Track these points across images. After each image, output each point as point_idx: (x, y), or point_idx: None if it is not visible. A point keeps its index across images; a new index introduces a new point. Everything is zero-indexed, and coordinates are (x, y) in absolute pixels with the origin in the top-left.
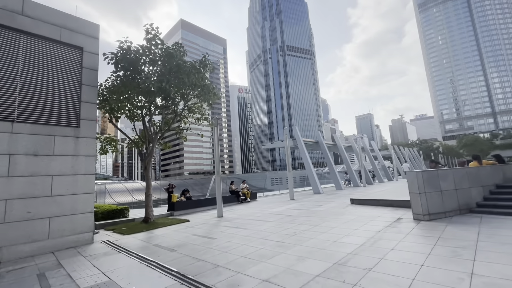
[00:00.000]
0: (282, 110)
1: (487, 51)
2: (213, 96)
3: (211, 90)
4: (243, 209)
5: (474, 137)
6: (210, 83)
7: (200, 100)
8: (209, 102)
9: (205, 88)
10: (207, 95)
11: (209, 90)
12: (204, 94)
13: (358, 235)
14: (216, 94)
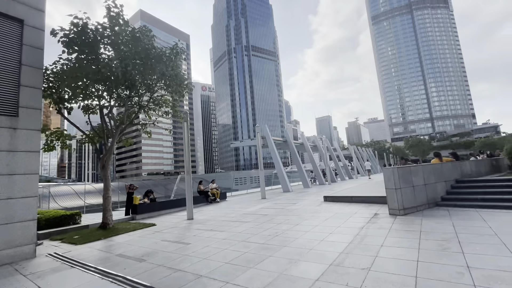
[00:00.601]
0: (247, 109)
1: (426, 63)
2: (185, 88)
3: (184, 81)
4: (214, 210)
5: (418, 139)
6: (183, 73)
7: (170, 92)
8: (181, 94)
9: (177, 79)
10: (179, 87)
11: (182, 81)
12: (176, 85)
13: (343, 233)
14: (188, 86)
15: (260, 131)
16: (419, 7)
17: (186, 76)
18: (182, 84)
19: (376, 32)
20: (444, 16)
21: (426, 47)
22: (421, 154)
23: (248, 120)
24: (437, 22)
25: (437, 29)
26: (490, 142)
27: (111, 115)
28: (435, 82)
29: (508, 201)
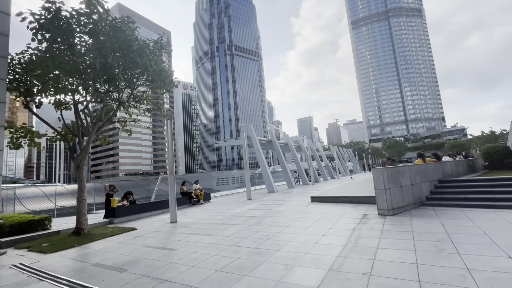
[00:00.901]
0: (229, 109)
1: (402, 68)
2: (169, 84)
3: (168, 76)
4: (199, 212)
5: (395, 141)
6: (168, 68)
7: (153, 88)
8: (165, 90)
9: (161, 74)
10: (163, 82)
11: (166, 76)
12: (160, 80)
13: (336, 235)
14: (173, 82)
15: (246, 130)
16: (395, 15)
17: (171, 71)
18: (167, 79)
19: (355, 36)
20: (418, 25)
21: (402, 53)
22: (397, 155)
23: (230, 120)
24: (412, 30)
25: (411, 36)
26: (458, 143)
27: (87, 111)
28: (409, 87)
29: (489, 200)
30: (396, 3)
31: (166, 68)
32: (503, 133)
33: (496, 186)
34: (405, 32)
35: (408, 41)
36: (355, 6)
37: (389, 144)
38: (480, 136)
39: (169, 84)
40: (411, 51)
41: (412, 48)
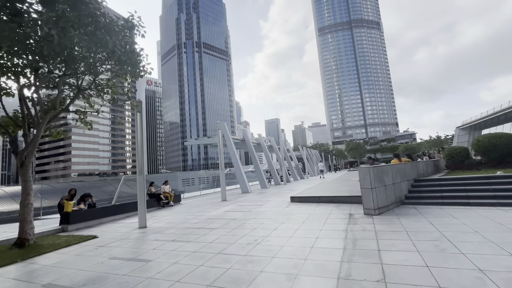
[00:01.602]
0: (196, 108)
1: (362, 76)
2: (141, 71)
3: (140, 61)
4: (170, 215)
5: (357, 143)
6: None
7: (121, 74)
8: (136, 77)
9: (132, 57)
10: (134, 67)
11: (138, 61)
12: (131, 65)
13: (330, 237)
14: (145, 69)
15: (221, 128)
16: (357, 26)
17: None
18: (138, 65)
19: (321, 43)
20: (377, 37)
21: (362, 61)
22: (358, 156)
23: (197, 119)
24: (371, 41)
25: (371, 46)
26: (410, 147)
27: (36, 98)
28: (369, 93)
29: (462, 198)
30: (358, 14)
31: (136, 51)
32: (446, 138)
33: (467, 185)
34: (365, 43)
35: (368, 51)
36: (321, 14)
37: (352, 146)
38: (428, 140)
39: (141, 71)
40: (371, 61)
41: (372, 58)
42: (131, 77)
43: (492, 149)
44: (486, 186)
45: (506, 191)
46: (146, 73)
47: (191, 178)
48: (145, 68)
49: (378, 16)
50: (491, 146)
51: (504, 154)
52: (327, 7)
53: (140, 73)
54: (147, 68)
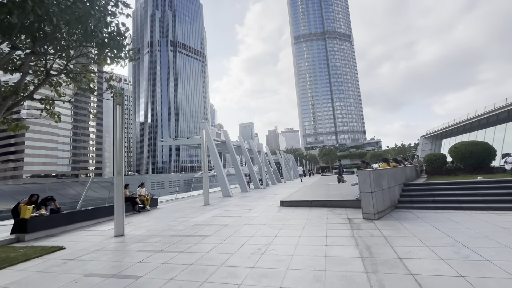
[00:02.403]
0: (169, 108)
1: (334, 85)
2: (126, 56)
3: (126, 45)
4: (150, 221)
5: (329, 149)
6: (126, 31)
7: (101, 60)
8: (122, 64)
9: (119, 38)
10: (119, 51)
11: (124, 44)
12: (116, 48)
13: (340, 244)
14: (130, 54)
15: (205, 127)
16: (330, 37)
17: (129, 36)
18: (123, 48)
19: (297, 51)
20: (348, 49)
21: (334, 71)
22: (330, 162)
23: (170, 119)
24: (343, 52)
25: (343, 58)
26: (377, 153)
27: None
28: (339, 102)
29: (454, 202)
30: (331, 26)
31: (121, 31)
32: (410, 146)
33: (456, 189)
34: (338, 54)
35: (340, 62)
36: (297, 23)
37: (325, 152)
38: (394, 147)
39: (126, 56)
40: (342, 71)
41: (343, 68)
42: (112, 62)
43: (468, 156)
44: (474, 191)
45: (494, 196)
46: (132, 59)
47: (161, 181)
48: (130, 53)
49: (349, 30)
50: (468, 153)
51: (479, 161)
52: (302, 17)
53: (125, 58)
54: (132, 54)
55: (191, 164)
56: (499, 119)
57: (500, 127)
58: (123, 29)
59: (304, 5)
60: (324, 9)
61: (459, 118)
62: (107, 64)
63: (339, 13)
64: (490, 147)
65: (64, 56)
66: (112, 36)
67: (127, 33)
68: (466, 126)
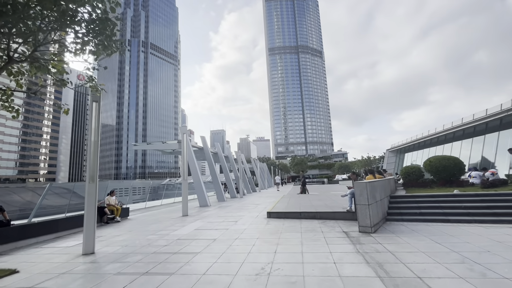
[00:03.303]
0: (137, 111)
1: (305, 97)
2: (117, 46)
3: (115, 34)
4: (123, 235)
5: (301, 159)
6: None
7: (92, 45)
8: (111, 51)
9: (107, 24)
10: (107, 38)
11: (113, 32)
12: (104, 34)
13: (348, 261)
14: (123, 46)
15: (185, 132)
16: (303, 51)
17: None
18: (112, 36)
19: (271, 62)
20: (319, 64)
21: (306, 84)
22: (301, 171)
23: (137, 123)
24: (315, 67)
25: (314, 72)
26: (344, 165)
27: None
28: (310, 114)
29: (440, 214)
30: (304, 41)
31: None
32: (375, 158)
33: (440, 202)
34: (310, 68)
35: (312, 76)
36: (272, 36)
37: (297, 162)
38: (360, 159)
39: (117, 46)
40: (313, 84)
41: (314, 82)
42: (105, 50)
43: (442, 170)
44: (457, 204)
45: (476, 209)
46: (123, 51)
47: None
48: (122, 44)
49: (321, 46)
50: (441, 167)
51: (451, 174)
52: (277, 30)
53: (114, 48)
54: (124, 45)
55: (158, 170)
56: (455, 137)
57: (456, 144)
58: (113, 16)
59: (279, 19)
60: (298, 24)
61: (421, 134)
62: (95, 52)
63: (312, 30)
64: (461, 162)
65: (32, 41)
66: (102, 21)
67: (116, 19)
68: (426, 142)
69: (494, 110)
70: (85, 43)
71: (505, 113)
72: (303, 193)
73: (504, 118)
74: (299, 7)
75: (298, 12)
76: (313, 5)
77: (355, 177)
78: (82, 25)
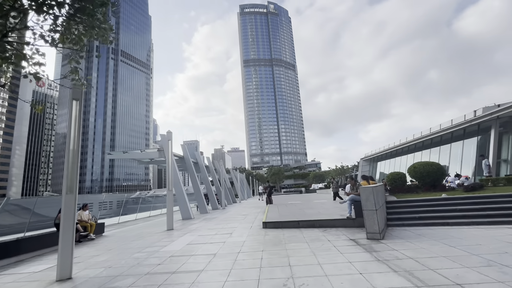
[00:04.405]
0: (105, 120)
1: (279, 109)
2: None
3: (106, 20)
4: (103, 254)
5: (278, 168)
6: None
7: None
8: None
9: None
10: (97, 21)
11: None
12: (94, 15)
13: (373, 271)
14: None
15: (171, 138)
16: (277, 64)
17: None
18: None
19: (246, 74)
20: (292, 77)
21: (280, 96)
22: (278, 181)
23: (104, 132)
24: (288, 80)
25: (288, 84)
26: (318, 174)
27: None
28: (284, 125)
29: (438, 218)
30: (278, 54)
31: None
32: (348, 168)
33: (434, 206)
34: (283, 80)
35: (286, 88)
36: (247, 48)
37: (274, 171)
38: (335, 169)
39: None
40: (287, 96)
41: (288, 94)
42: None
43: (426, 175)
44: (452, 207)
45: (470, 211)
46: (111, 43)
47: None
48: (113, 35)
49: (294, 60)
50: (426, 173)
51: (435, 179)
52: (252, 43)
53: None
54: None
55: (126, 183)
56: (424, 145)
57: (426, 152)
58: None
59: (253, 32)
60: (272, 38)
61: (393, 143)
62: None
63: (285, 44)
64: (442, 167)
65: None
66: None
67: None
68: (398, 151)
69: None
70: (67, 28)
71: (455, 128)
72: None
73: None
74: (272, 22)
75: (272, 27)
76: (286, 21)
77: (354, 182)
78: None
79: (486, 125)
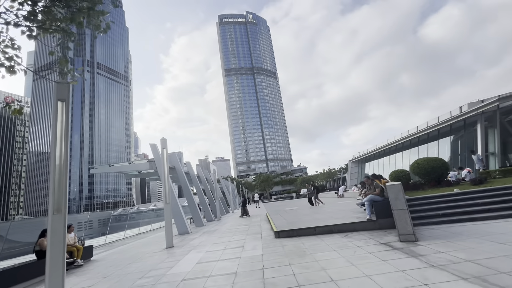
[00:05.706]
0: (82, 135)
1: (263, 116)
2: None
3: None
4: (98, 284)
5: (266, 176)
6: None
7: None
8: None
9: None
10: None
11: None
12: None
13: (440, 280)
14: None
15: (165, 146)
16: (258, 72)
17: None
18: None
19: (228, 83)
20: (274, 84)
21: (263, 104)
22: (267, 188)
23: (82, 148)
24: (270, 87)
25: (270, 92)
26: (306, 179)
27: None
28: (269, 132)
29: (462, 214)
30: (259, 63)
31: None
32: (335, 171)
33: (454, 201)
34: (265, 88)
35: (268, 95)
36: (228, 58)
37: (263, 179)
38: (322, 172)
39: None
40: (270, 104)
41: (271, 101)
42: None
43: (431, 171)
44: (470, 201)
45: (494, 204)
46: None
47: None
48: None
49: (274, 68)
50: (430, 168)
51: (440, 174)
52: (232, 52)
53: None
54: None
55: (107, 200)
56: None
57: (414, 150)
58: None
59: (233, 42)
60: (252, 47)
61: (381, 143)
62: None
63: (265, 52)
64: (446, 162)
65: None
66: None
67: None
68: (386, 151)
69: (432, 123)
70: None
71: (442, 124)
72: (245, 216)
73: (442, 129)
74: (252, 31)
75: (252, 36)
76: (265, 30)
77: (371, 182)
78: None
79: (471, 120)
